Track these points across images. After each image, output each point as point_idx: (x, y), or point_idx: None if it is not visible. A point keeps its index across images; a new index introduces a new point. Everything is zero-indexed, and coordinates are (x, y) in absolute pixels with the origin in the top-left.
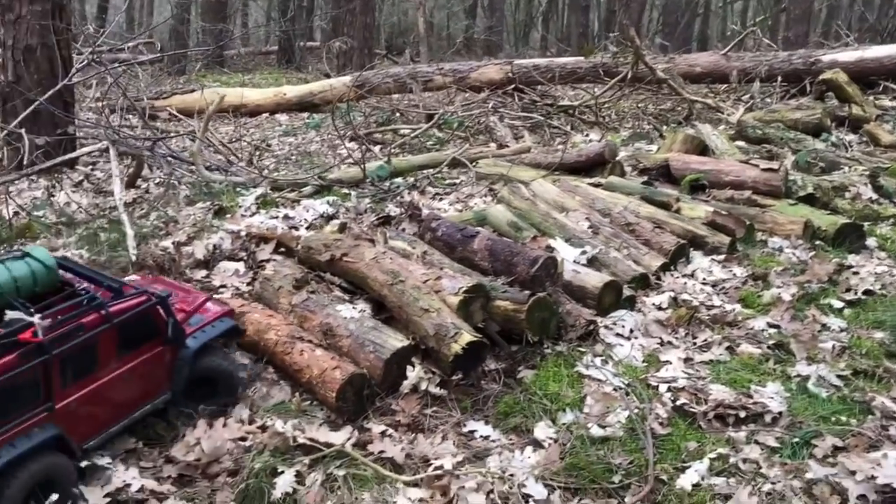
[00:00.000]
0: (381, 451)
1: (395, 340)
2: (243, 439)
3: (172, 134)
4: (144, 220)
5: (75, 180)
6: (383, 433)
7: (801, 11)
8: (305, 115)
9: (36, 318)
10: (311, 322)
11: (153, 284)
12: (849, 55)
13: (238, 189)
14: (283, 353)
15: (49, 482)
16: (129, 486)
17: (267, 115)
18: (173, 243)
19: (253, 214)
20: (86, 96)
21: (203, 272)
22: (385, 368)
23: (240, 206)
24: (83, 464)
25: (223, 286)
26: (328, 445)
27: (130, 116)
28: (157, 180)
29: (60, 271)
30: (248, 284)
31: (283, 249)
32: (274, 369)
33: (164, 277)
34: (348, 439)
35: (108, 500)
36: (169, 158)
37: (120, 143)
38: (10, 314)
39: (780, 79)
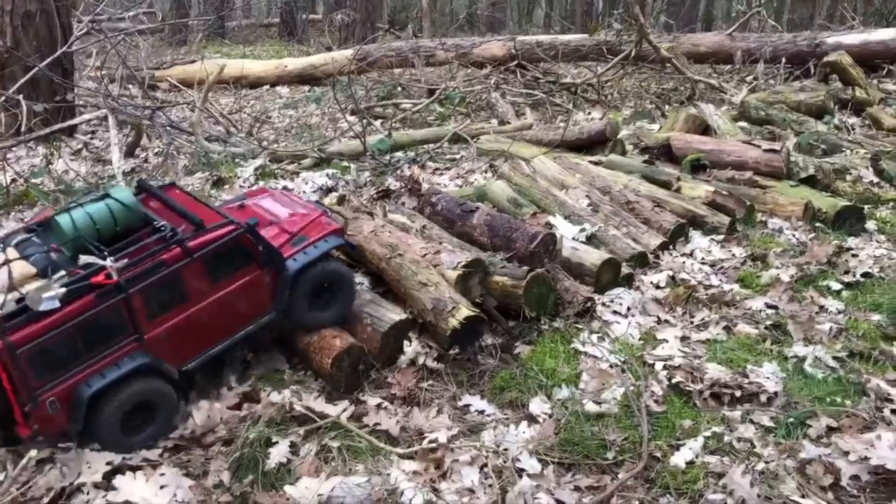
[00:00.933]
0: (377, 424)
1: (393, 314)
2: (238, 407)
3: (171, 104)
4: None
5: (74, 148)
6: (379, 406)
7: None
8: (306, 87)
9: (108, 262)
10: None
11: (261, 199)
12: (853, 38)
13: (237, 160)
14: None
15: (148, 403)
16: (125, 458)
17: (268, 87)
18: None
19: (252, 186)
20: (86, 65)
21: None
22: (382, 341)
23: (238, 177)
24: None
25: None
26: (323, 416)
27: (130, 86)
28: (157, 150)
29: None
30: None
31: None
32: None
33: (277, 191)
34: (344, 411)
35: (108, 467)
36: (168, 128)
37: (119, 112)
38: (84, 258)
39: (784, 60)
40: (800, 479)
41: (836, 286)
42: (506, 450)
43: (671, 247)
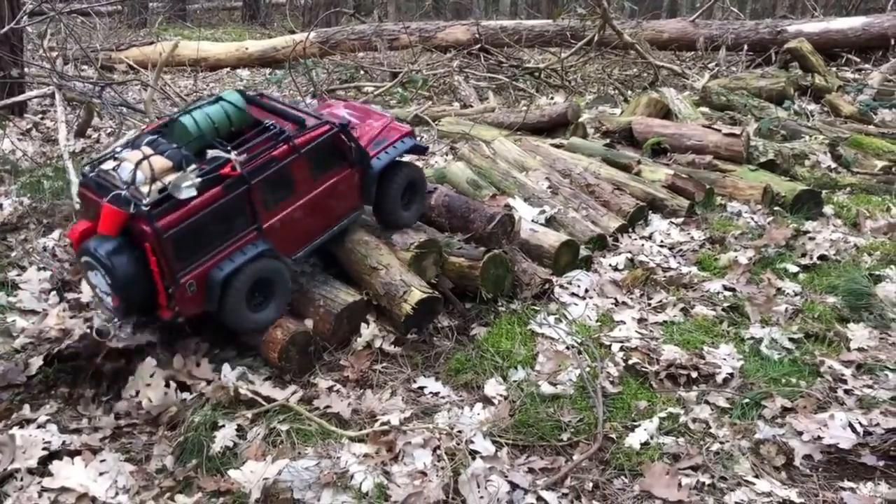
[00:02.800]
0: (327, 407)
1: (347, 295)
2: (185, 388)
3: (121, 82)
4: None
5: (23, 128)
6: (330, 388)
7: None
8: (267, 70)
9: (233, 155)
10: None
11: (336, 109)
12: (814, 26)
13: None
14: None
15: (267, 280)
16: (65, 443)
17: (228, 69)
18: None
19: None
20: (39, 45)
21: None
22: (335, 323)
23: None
24: None
25: None
26: (270, 400)
27: (86, 67)
28: (109, 130)
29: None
30: None
31: None
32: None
33: (350, 101)
34: (293, 394)
35: (44, 452)
36: (120, 107)
37: (67, 89)
38: (211, 153)
39: (746, 47)
40: (754, 459)
41: (793, 269)
42: (459, 432)
43: (630, 229)
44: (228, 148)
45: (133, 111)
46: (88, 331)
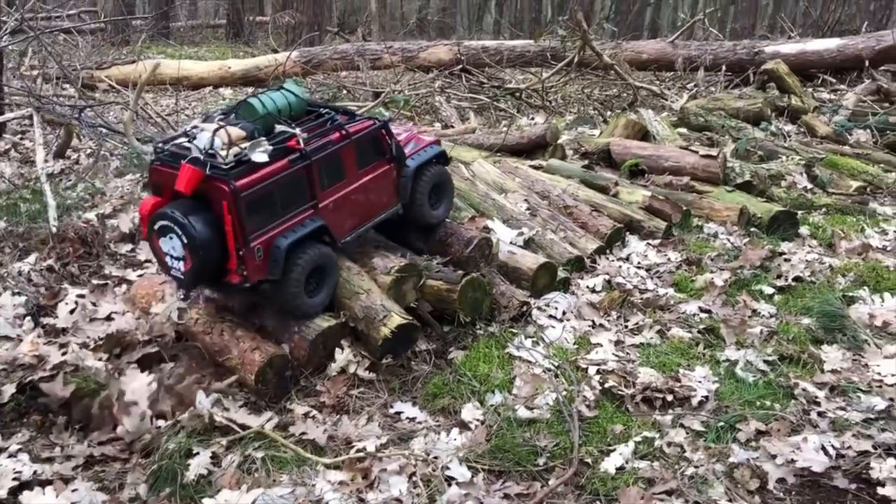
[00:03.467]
0: (303, 433)
1: (322, 320)
2: (162, 417)
3: (100, 103)
4: (70, 191)
5: (1, 149)
6: (306, 414)
7: (748, 4)
8: (250, 89)
9: (298, 131)
10: (237, 300)
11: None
12: (791, 47)
13: None
14: (203, 334)
15: (321, 268)
16: (36, 472)
17: (211, 88)
18: (97, 215)
19: None
20: (22, 63)
21: (128, 246)
22: (310, 349)
23: None
24: None
25: (148, 261)
26: (245, 427)
27: (67, 86)
28: (89, 151)
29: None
30: None
31: None
32: (195, 349)
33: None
34: (268, 420)
35: (14, 482)
36: (98, 128)
37: (45, 111)
38: (279, 127)
39: (724, 68)
40: (728, 483)
41: (768, 290)
42: (436, 458)
43: (608, 251)
44: (293, 126)
45: (112, 132)
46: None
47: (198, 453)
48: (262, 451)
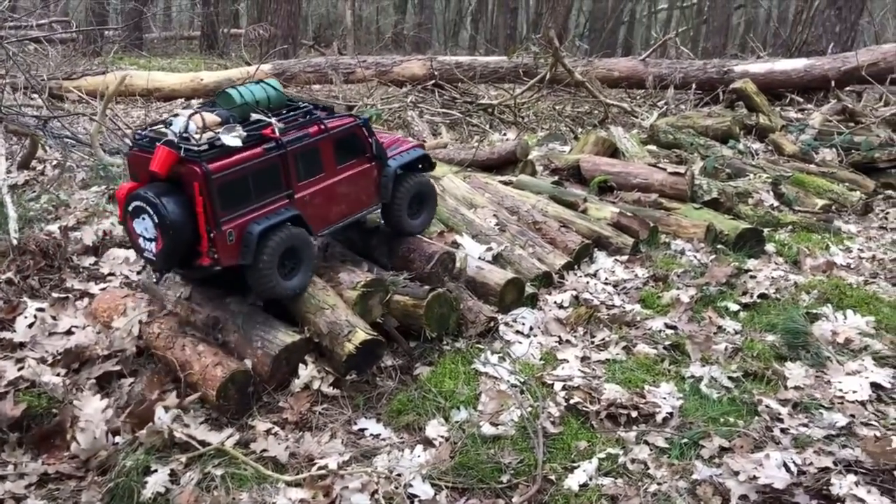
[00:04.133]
0: (264, 450)
1: (286, 335)
2: (117, 433)
3: (66, 113)
4: (34, 202)
5: None
6: (268, 431)
7: (719, 24)
8: None
9: (274, 120)
10: (199, 315)
11: None
12: (759, 67)
13: None
14: (164, 348)
15: (295, 250)
16: None
17: (183, 100)
18: (60, 228)
19: None
20: None
21: (91, 259)
22: (273, 365)
23: None
24: None
25: (111, 274)
26: (205, 444)
27: (36, 96)
28: (55, 162)
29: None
30: (139, 273)
31: None
32: (156, 365)
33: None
34: (229, 437)
35: None
36: (64, 139)
37: (9, 121)
38: (255, 116)
39: (694, 86)
40: (691, 500)
41: (734, 307)
42: (399, 475)
43: (576, 267)
44: (270, 115)
45: (79, 143)
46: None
47: (156, 470)
48: (222, 468)
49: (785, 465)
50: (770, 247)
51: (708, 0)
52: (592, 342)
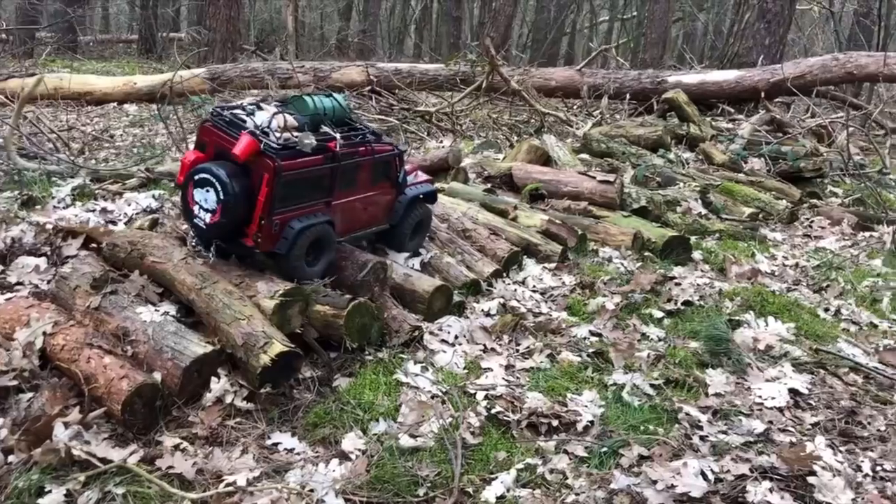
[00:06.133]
0: (170, 467)
1: (198, 346)
2: (10, 452)
3: None
4: None
5: None
6: (176, 447)
7: (657, 36)
8: (155, 106)
9: (338, 136)
10: (108, 325)
11: None
12: (692, 77)
13: (54, 179)
14: (69, 361)
15: (319, 243)
16: None
17: (115, 104)
18: None
19: (67, 207)
20: None
21: None
22: (184, 377)
23: (53, 198)
24: None
25: (19, 283)
26: (105, 461)
27: None
28: None
29: None
30: (49, 282)
31: (94, 245)
32: (60, 378)
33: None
34: (132, 454)
35: None
36: None
37: None
38: (325, 128)
39: (629, 96)
40: None
41: (658, 314)
42: (311, 491)
43: (505, 274)
44: (335, 130)
45: None
46: None
47: (50, 491)
48: (124, 486)
49: (703, 472)
50: (697, 254)
51: (647, 12)
52: (517, 350)
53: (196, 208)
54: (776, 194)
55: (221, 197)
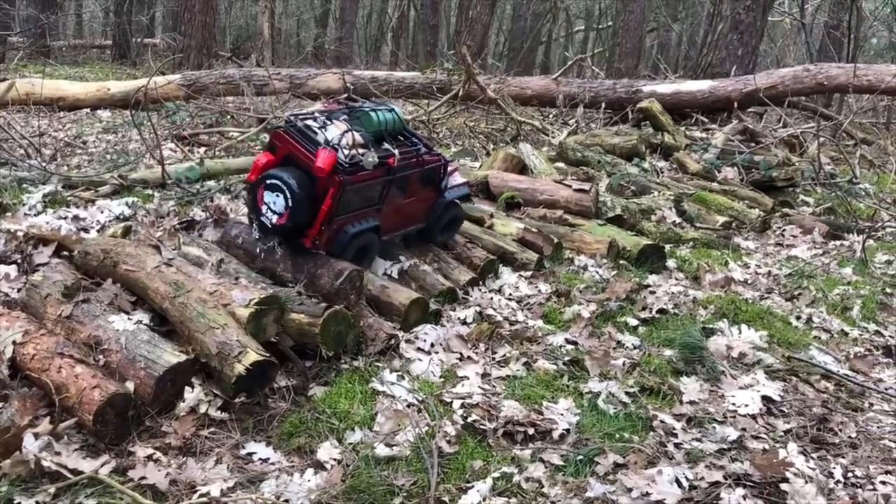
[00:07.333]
0: (142, 478)
1: (171, 355)
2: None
3: None
4: None
5: None
6: (149, 457)
7: (631, 45)
8: (128, 112)
9: (396, 153)
10: (80, 334)
11: None
12: (667, 87)
13: (25, 185)
14: (39, 370)
15: (366, 247)
16: None
17: (88, 110)
18: None
19: (38, 214)
20: None
21: None
22: (157, 386)
23: (24, 204)
24: None
25: None
26: (76, 473)
27: None
28: None
29: None
30: (20, 291)
31: (65, 253)
32: (30, 388)
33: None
34: (104, 464)
35: None
36: None
37: None
38: (385, 145)
39: (604, 105)
40: None
41: (633, 322)
42: (286, 501)
43: (481, 283)
44: (394, 146)
45: None
46: None
47: (19, 503)
48: (95, 498)
49: (677, 480)
50: (671, 262)
51: (622, 22)
52: (493, 358)
53: (264, 208)
54: (749, 203)
55: (290, 204)
